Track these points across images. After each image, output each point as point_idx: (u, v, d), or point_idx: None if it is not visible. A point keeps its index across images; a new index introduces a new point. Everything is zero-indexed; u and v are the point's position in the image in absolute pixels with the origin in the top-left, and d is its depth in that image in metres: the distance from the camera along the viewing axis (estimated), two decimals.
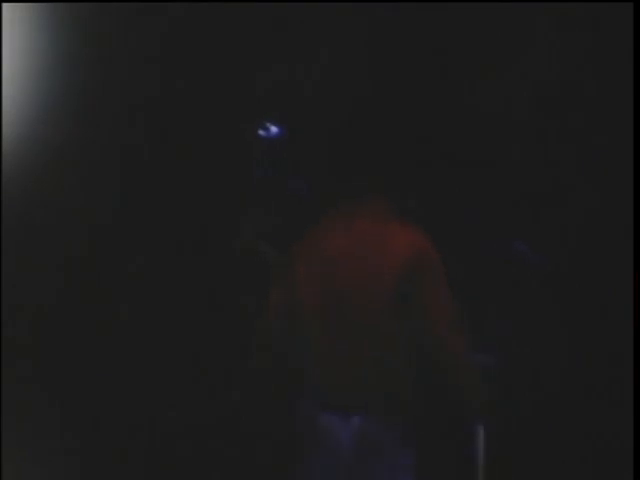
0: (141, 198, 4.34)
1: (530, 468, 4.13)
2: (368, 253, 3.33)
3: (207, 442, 4.24)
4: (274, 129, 4.35)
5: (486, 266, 4.21)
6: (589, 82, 4.20)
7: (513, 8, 4.23)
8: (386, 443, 3.28)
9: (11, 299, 4.13)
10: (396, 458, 3.30)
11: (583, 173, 4.22)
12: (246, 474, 4.16)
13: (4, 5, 4.08)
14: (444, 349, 3.28)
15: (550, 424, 4.16)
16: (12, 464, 3.94)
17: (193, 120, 4.38)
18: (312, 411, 3.34)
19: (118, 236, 4.30)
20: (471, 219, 4.23)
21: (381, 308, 3.28)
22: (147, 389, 4.26)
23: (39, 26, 4.14)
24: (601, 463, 4.06)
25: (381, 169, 3.42)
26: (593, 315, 4.18)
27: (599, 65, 4.19)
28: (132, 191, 4.33)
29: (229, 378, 4.11)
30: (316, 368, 3.36)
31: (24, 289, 4.18)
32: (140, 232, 4.33)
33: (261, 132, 4.35)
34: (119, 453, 4.17)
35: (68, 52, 4.17)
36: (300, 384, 3.38)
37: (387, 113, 4.04)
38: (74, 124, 4.22)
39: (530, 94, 4.27)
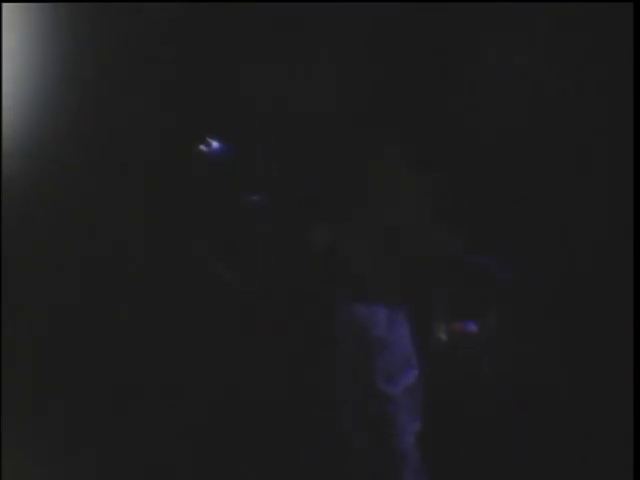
0: (140, 197, 4.35)
1: (531, 468, 4.13)
2: None
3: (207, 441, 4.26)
4: (216, 144, 4.33)
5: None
6: (589, 82, 4.20)
7: (513, 8, 4.23)
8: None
9: (11, 299, 4.13)
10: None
11: (582, 174, 4.22)
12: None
13: (4, 5, 4.09)
14: None
15: (550, 425, 4.17)
16: (12, 464, 3.94)
17: (194, 119, 4.39)
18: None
19: (117, 236, 4.31)
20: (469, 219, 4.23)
21: None
22: (147, 388, 4.27)
23: (39, 26, 4.14)
24: (601, 463, 4.06)
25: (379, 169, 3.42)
26: (592, 319, 4.19)
27: (599, 65, 4.19)
28: (131, 190, 4.34)
29: None
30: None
31: (24, 289, 4.19)
32: (139, 231, 4.33)
33: (203, 148, 4.32)
34: (119, 453, 4.18)
35: (68, 52, 4.17)
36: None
37: (387, 113, 4.04)
38: (74, 124, 4.22)
39: (530, 94, 4.27)
